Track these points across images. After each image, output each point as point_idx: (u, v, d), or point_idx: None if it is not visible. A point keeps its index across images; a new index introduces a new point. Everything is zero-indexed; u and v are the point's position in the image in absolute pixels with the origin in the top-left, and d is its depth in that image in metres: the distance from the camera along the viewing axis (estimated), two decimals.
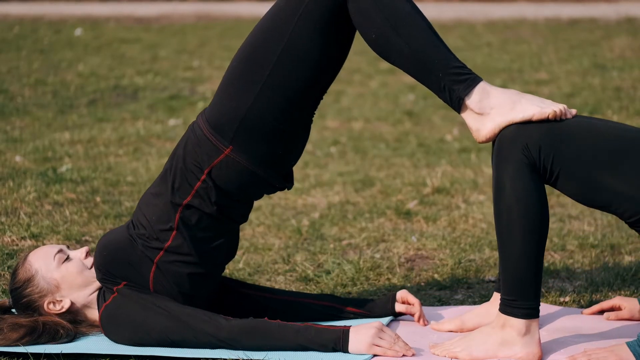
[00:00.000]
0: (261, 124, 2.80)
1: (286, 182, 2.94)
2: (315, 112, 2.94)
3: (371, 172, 5.43)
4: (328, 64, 2.83)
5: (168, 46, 11.61)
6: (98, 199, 4.75)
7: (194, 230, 2.86)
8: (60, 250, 2.96)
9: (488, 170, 5.45)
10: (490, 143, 2.94)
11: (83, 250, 2.99)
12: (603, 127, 2.67)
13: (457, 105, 2.72)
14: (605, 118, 6.99)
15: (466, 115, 2.74)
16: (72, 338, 2.89)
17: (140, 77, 9.14)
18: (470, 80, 2.71)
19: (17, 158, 5.65)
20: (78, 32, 12.92)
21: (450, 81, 2.70)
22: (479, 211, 4.55)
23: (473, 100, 2.70)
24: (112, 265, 2.88)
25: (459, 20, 14.33)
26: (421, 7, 2.87)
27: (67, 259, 2.95)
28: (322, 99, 2.92)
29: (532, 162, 2.64)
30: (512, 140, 2.66)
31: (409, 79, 8.50)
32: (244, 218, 2.97)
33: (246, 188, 2.87)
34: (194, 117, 7.25)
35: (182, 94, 8.34)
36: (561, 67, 9.49)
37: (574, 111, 2.71)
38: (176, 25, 14.13)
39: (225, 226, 2.91)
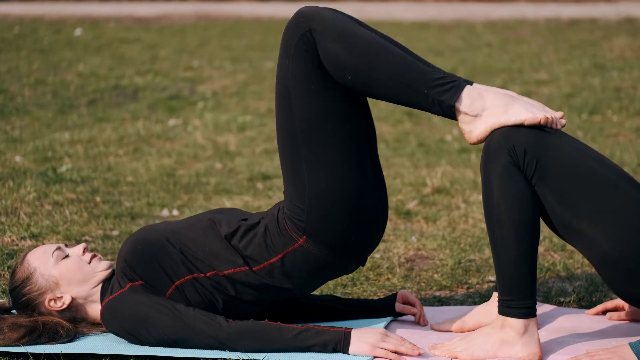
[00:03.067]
0: (326, 205, 2.78)
1: (359, 264, 2.91)
2: (384, 181, 2.91)
3: None
4: (350, 112, 2.81)
5: (168, 46, 11.61)
6: (98, 199, 4.75)
7: (234, 288, 2.85)
8: (58, 248, 2.96)
9: None
10: None
11: (80, 246, 2.98)
12: (589, 156, 2.66)
13: (451, 113, 2.72)
14: (605, 118, 7.00)
15: (460, 119, 2.74)
16: (72, 338, 2.88)
17: (140, 77, 9.14)
18: (455, 87, 2.71)
19: (17, 158, 5.65)
20: (78, 32, 12.92)
21: (437, 93, 2.70)
22: (478, 211, 4.55)
23: (464, 104, 2.70)
24: (140, 262, 2.87)
25: (459, 20, 14.33)
26: (421, 7, 2.87)
27: (66, 256, 2.95)
28: (375, 157, 2.89)
29: (517, 164, 2.64)
30: (500, 141, 2.66)
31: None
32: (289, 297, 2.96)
33: (315, 275, 2.86)
34: (194, 117, 7.27)
35: (182, 94, 8.34)
36: (561, 67, 9.49)
37: (563, 121, 2.72)
38: (176, 25, 14.13)
39: (262, 304, 2.91)
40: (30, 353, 2.78)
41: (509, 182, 2.64)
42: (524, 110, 2.68)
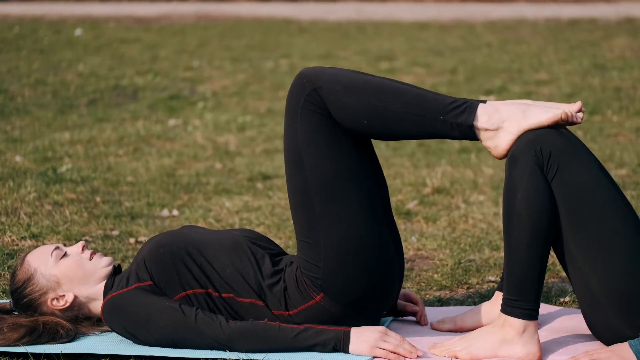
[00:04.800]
0: (341, 262, 2.78)
1: (371, 323, 2.90)
2: (399, 236, 2.91)
3: None
4: (362, 169, 2.83)
5: (168, 46, 11.61)
6: (98, 199, 4.75)
7: (248, 313, 2.85)
8: (57, 247, 2.96)
9: (488, 171, 5.46)
10: None
11: (79, 244, 2.99)
12: (610, 182, 2.69)
13: (471, 133, 2.73)
14: (605, 118, 7.00)
15: (483, 137, 2.74)
16: (72, 338, 2.88)
17: (140, 77, 9.15)
18: (470, 107, 2.73)
19: (17, 158, 5.65)
20: (78, 32, 12.92)
21: (453, 117, 2.72)
22: (478, 211, 4.55)
23: (482, 121, 2.71)
24: (158, 264, 2.87)
25: (459, 21, 14.33)
26: (421, 7, 2.88)
27: (65, 255, 2.95)
28: (389, 213, 2.90)
29: (541, 165, 2.66)
30: (527, 144, 2.68)
31: (409, 79, 8.50)
32: None
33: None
34: (194, 117, 7.27)
35: (182, 94, 8.35)
36: (561, 67, 9.49)
37: (580, 114, 2.73)
38: (176, 25, 14.13)
39: None
40: (30, 353, 2.78)
41: (533, 184, 2.66)
42: (543, 112, 2.71)
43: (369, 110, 2.74)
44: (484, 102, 2.74)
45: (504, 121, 2.72)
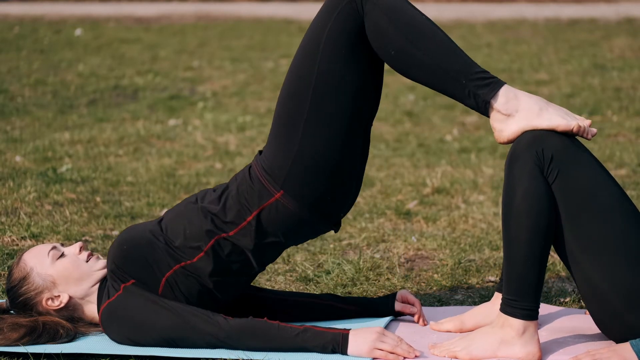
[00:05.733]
0: (311, 165, 2.80)
1: (334, 225, 2.94)
2: (368, 147, 2.92)
3: (371, 172, 5.43)
4: (364, 90, 2.83)
5: (168, 46, 11.61)
6: (98, 199, 4.75)
7: (222, 261, 2.86)
8: (54, 247, 2.96)
9: (488, 171, 5.46)
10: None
11: (77, 245, 2.99)
12: (610, 188, 2.69)
13: (484, 108, 2.73)
14: (605, 119, 7.00)
15: (492, 117, 2.74)
16: (72, 338, 2.89)
17: (140, 77, 9.14)
18: (494, 83, 2.72)
19: (17, 158, 5.65)
20: (78, 32, 12.92)
21: (475, 86, 2.71)
22: (478, 211, 4.55)
23: (500, 102, 2.71)
24: (127, 260, 2.87)
25: (459, 21, 14.32)
26: (421, 7, 2.88)
27: (62, 255, 2.95)
28: (368, 134, 2.90)
29: (541, 167, 2.66)
30: (530, 143, 2.67)
31: (408, 79, 8.48)
32: (273, 261, 2.97)
33: (291, 232, 2.87)
34: (194, 117, 7.27)
35: (182, 94, 8.35)
36: (561, 67, 9.49)
37: (594, 130, 2.73)
38: (176, 25, 14.12)
39: (253, 267, 2.91)
40: (30, 353, 2.78)
41: (533, 183, 2.65)
42: (558, 117, 2.70)
43: (400, 46, 2.73)
44: (506, 84, 2.74)
45: (518, 111, 2.72)
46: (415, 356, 2.74)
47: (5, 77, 9.08)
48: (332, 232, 2.95)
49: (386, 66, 2.87)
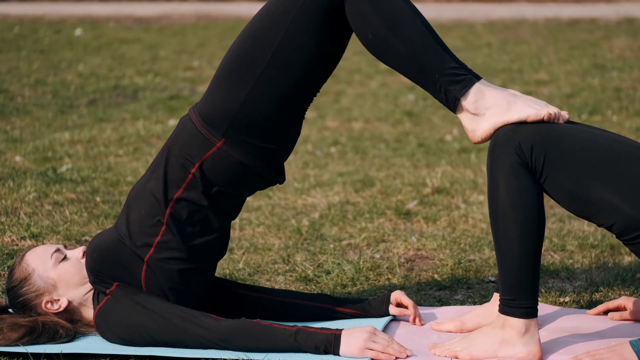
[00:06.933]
0: (254, 119, 2.79)
1: (278, 176, 2.94)
2: (308, 108, 2.93)
3: (371, 173, 5.43)
4: (323, 63, 2.83)
5: (168, 46, 11.61)
6: (98, 199, 4.75)
7: (184, 225, 2.85)
8: (58, 250, 2.95)
9: None
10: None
11: (80, 249, 2.98)
12: (597, 135, 2.67)
13: (453, 106, 2.72)
14: (605, 119, 7.00)
15: (462, 116, 2.74)
16: (71, 338, 2.88)
17: (140, 77, 9.14)
18: (466, 81, 2.71)
19: (17, 158, 5.65)
20: (78, 32, 12.92)
21: (446, 82, 2.71)
22: (478, 211, 4.55)
23: (469, 101, 2.70)
24: (103, 266, 2.87)
25: (459, 21, 14.32)
26: (421, 7, 2.88)
27: (65, 258, 2.95)
28: (315, 96, 2.92)
29: (525, 162, 2.64)
30: (506, 140, 2.66)
31: (409, 80, 8.48)
32: (234, 213, 2.96)
33: (237, 181, 2.86)
34: None
35: (182, 94, 8.35)
36: (561, 67, 9.49)
37: (566, 115, 2.72)
38: (176, 25, 14.12)
39: (216, 222, 2.89)
40: (30, 353, 2.78)
41: (516, 182, 2.64)
42: (527, 107, 2.69)
43: (378, 31, 2.72)
44: (479, 80, 2.72)
45: (487, 109, 2.71)
46: (407, 356, 2.74)
47: (5, 77, 9.08)
48: (279, 184, 2.95)
49: (386, 67, 2.87)
